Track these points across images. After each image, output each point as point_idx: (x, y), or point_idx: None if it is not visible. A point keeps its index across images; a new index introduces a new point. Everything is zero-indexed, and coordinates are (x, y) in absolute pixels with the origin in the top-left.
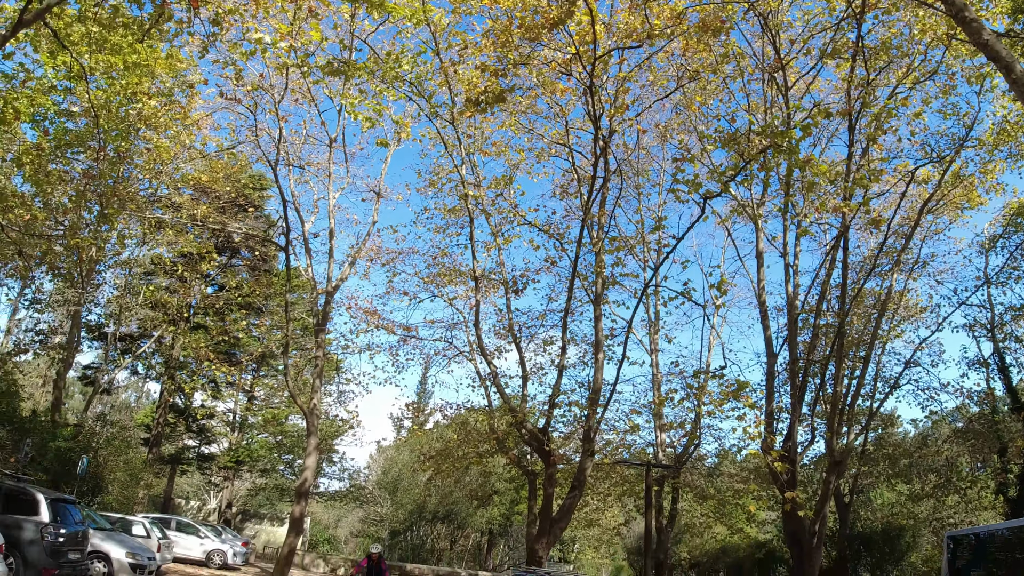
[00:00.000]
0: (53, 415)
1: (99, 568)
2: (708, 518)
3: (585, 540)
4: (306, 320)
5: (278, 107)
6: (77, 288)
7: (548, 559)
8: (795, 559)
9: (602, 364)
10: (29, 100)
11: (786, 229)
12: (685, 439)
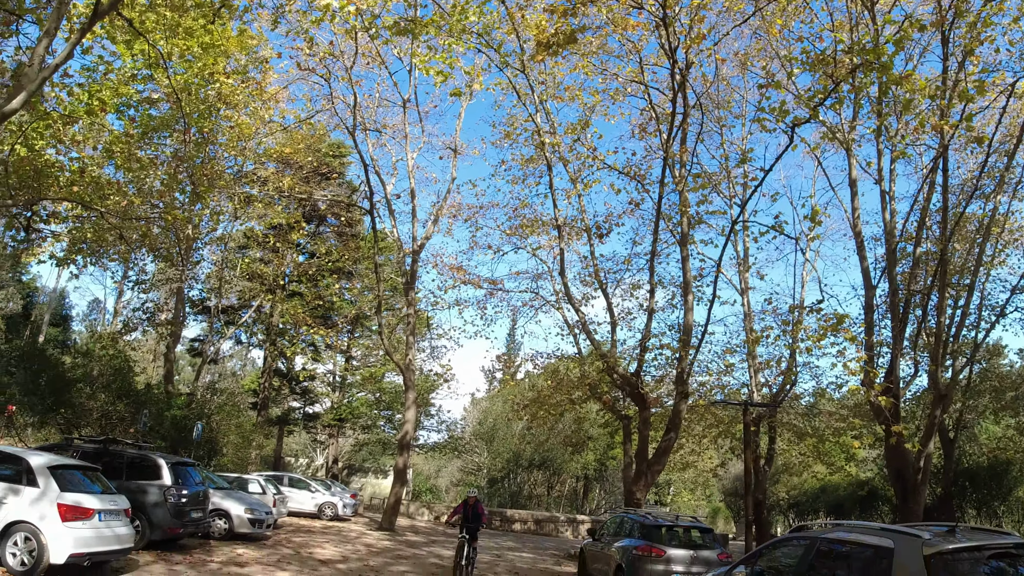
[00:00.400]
0: (166, 386)
1: (220, 525)
2: (806, 457)
3: (680, 483)
4: (395, 280)
5: (350, 72)
6: (178, 266)
7: (645, 501)
8: (899, 496)
9: (692, 305)
10: (112, 91)
11: (880, 153)
12: (781, 378)
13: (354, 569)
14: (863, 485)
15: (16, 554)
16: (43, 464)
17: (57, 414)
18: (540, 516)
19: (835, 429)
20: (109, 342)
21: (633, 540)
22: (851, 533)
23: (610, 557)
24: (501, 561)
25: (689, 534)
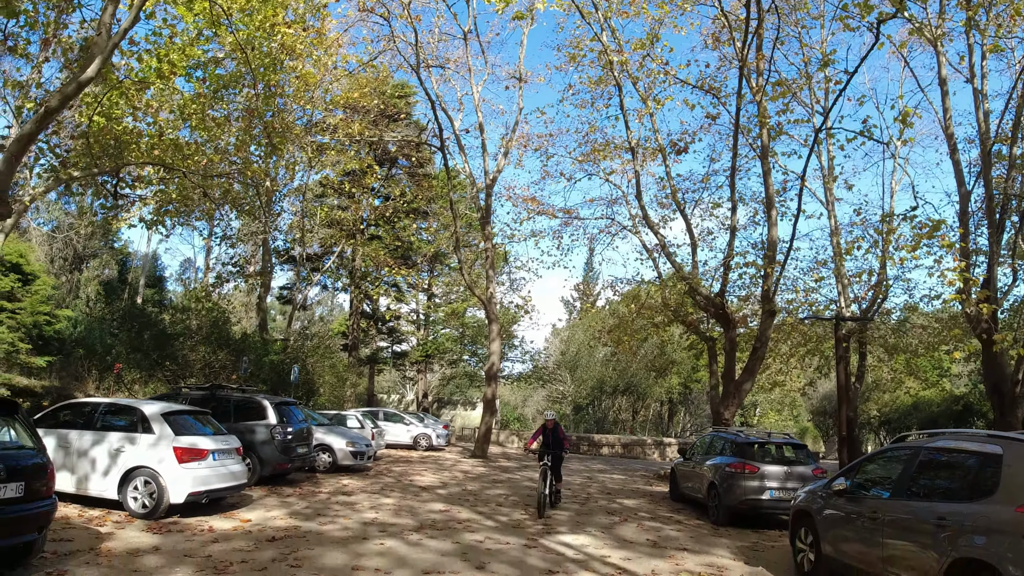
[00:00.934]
0: (262, 334)
1: (324, 459)
2: (898, 373)
3: (767, 403)
4: (471, 216)
5: (408, 9)
6: (260, 219)
7: (732, 422)
8: (996, 410)
9: (775, 220)
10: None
11: (971, 49)
12: (871, 293)
13: (454, 494)
14: (957, 400)
15: (137, 498)
16: (156, 412)
17: (162, 368)
18: (627, 440)
19: (928, 344)
20: (204, 296)
21: (725, 458)
22: (956, 441)
23: (702, 475)
24: (593, 482)
25: (782, 450)
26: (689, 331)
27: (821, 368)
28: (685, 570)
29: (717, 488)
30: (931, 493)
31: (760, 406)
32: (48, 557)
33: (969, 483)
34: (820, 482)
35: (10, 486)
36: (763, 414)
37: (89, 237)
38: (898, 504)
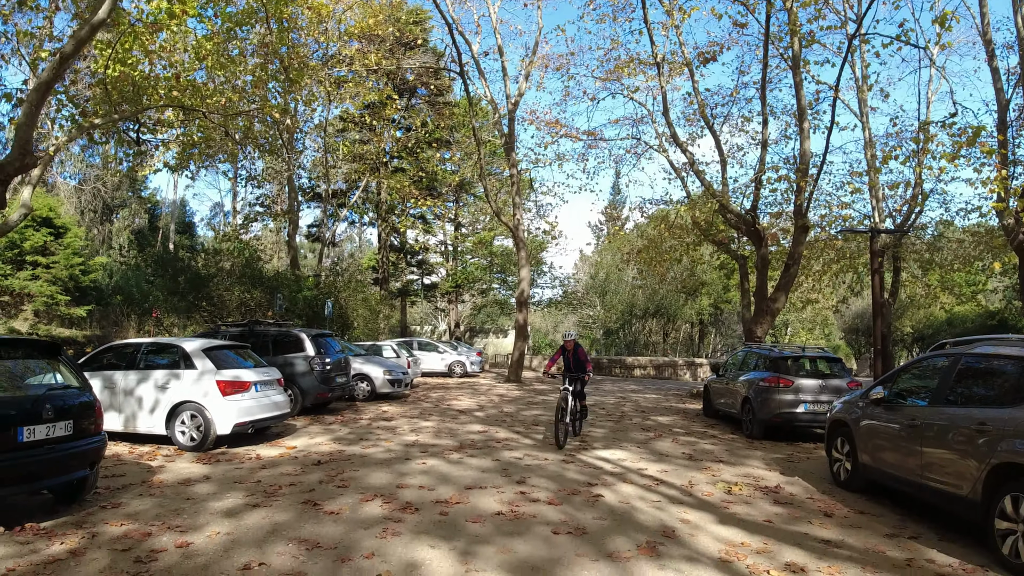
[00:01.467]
0: (293, 271)
1: (363, 387)
2: (933, 288)
3: (798, 323)
4: (494, 143)
5: None
6: (283, 158)
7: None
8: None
9: (808, 133)
10: None
11: None
12: (906, 207)
13: (491, 416)
14: (992, 316)
15: (185, 431)
16: (198, 348)
17: (199, 309)
18: (659, 361)
19: (964, 258)
20: (234, 236)
21: (759, 373)
22: (995, 347)
23: (736, 391)
24: (626, 402)
25: (816, 364)
26: (720, 250)
27: (853, 286)
28: (722, 480)
29: (751, 403)
30: (971, 400)
31: (791, 325)
32: (102, 492)
33: (1010, 388)
34: (856, 392)
35: (59, 425)
36: (794, 333)
37: (116, 188)
38: (937, 411)
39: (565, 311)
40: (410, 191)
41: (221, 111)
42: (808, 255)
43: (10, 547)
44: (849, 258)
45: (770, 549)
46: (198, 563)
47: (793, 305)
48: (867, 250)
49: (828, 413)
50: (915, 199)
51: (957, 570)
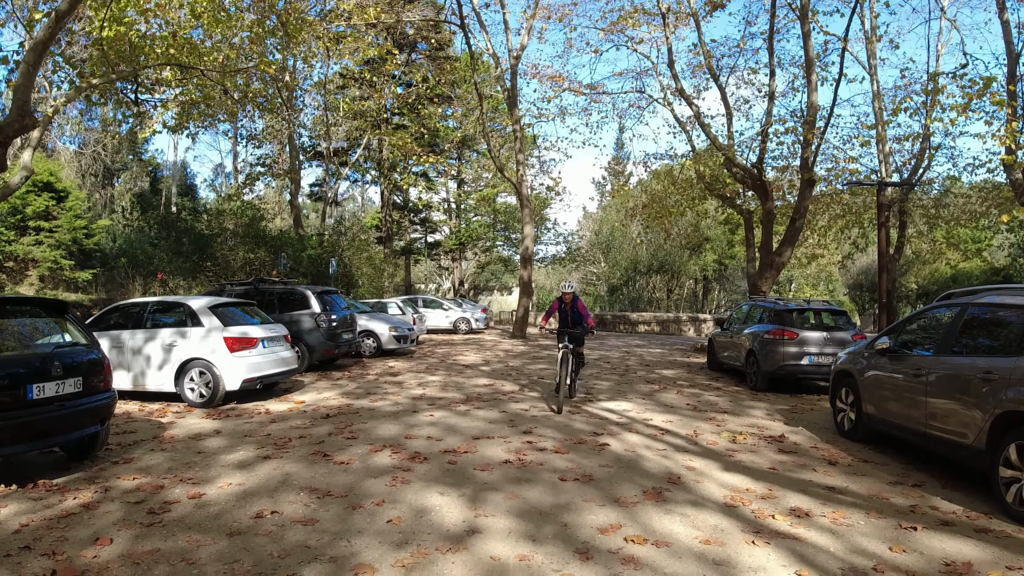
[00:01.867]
0: (297, 230)
1: (369, 344)
2: (939, 243)
3: (802, 278)
4: (496, 99)
5: None
6: (283, 116)
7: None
8: None
9: (815, 85)
10: None
11: None
12: (913, 162)
13: (497, 370)
14: (997, 272)
15: (194, 388)
16: (204, 305)
17: (204, 270)
18: (663, 317)
19: (971, 213)
20: (236, 195)
21: (764, 325)
22: (1002, 296)
23: (740, 344)
24: (631, 356)
25: (821, 317)
26: (725, 205)
27: (858, 242)
28: (726, 430)
29: (756, 355)
30: (976, 349)
31: (795, 281)
32: (114, 448)
33: (1016, 338)
34: (863, 343)
35: (68, 382)
36: (798, 289)
37: (116, 151)
38: (943, 361)
39: (569, 268)
40: (412, 148)
41: (219, 69)
42: (814, 209)
43: (23, 503)
44: (855, 213)
45: (775, 495)
46: (211, 512)
47: (798, 260)
48: (873, 205)
49: (832, 364)
50: (923, 153)
51: (961, 517)
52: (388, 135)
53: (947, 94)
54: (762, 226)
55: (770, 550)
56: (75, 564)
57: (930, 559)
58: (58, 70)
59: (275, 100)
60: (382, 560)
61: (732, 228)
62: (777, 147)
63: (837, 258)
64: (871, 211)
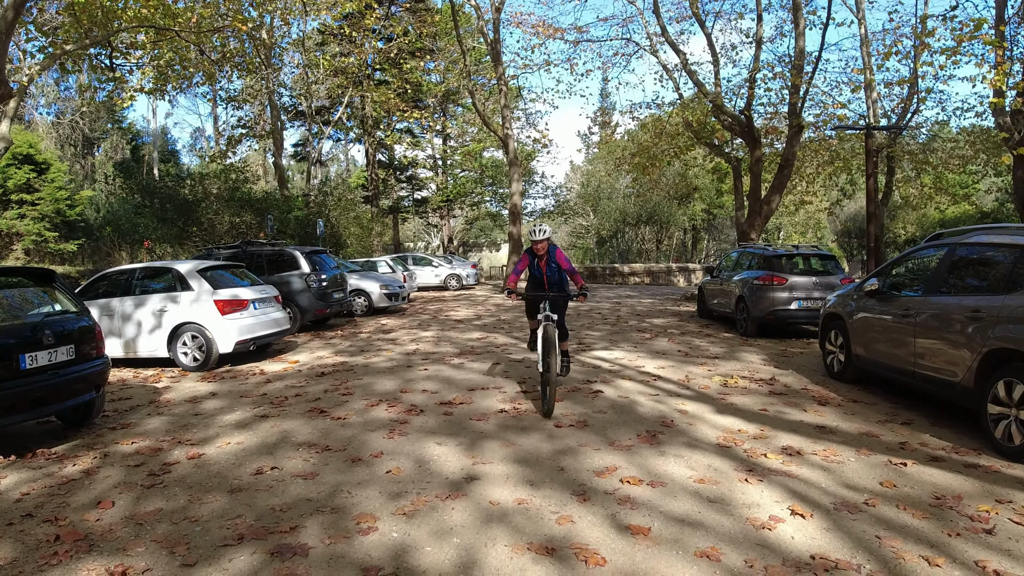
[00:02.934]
0: (282, 191)
1: (360, 303)
2: (928, 189)
3: (791, 226)
4: (479, 50)
5: None
6: (261, 75)
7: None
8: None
9: (803, 29)
10: None
11: None
12: (902, 106)
13: (489, 324)
14: (985, 216)
15: (187, 352)
16: (192, 269)
17: (190, 235)
18: (653, 268)
19: (961, 158)
20: (219, 159)
21: (753, 272)
22: (990, 236)
23: (730, 291)
24: (622, 307)
25: (810, 262)
26: (713, 153)
27: (845, 189)
28: (718, 374)
29: (745, 301)
30: (965, 289)
31: (784, 228)
32: (110, 415)
33: (1004, 276)
34: (851, 286)
35: (60, 350)
36: (787, 236)
37: (95, 119)
38: (931, 301)
39: (558, 221)
40: (395, 104)
41: (193, 29)
42: (802, 156)
43: (23, 473)
44: (843, 159)
45: (767, 435)
46: (211, 472)
47: (786, 208)
48: (861, 152)
49: (821, 308)
50: (911, 97)
51: (950, 453)
52: (370, 91)
53: (937, 37)
54: (750, 174)
55: (763, 487)
56: (78, 528)
57: (920, 493)
58: (31, 39)
59: (253, 60)
60: (383, 509)
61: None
62: (765, 93)
63: (825, 205)
64: (859, 157)
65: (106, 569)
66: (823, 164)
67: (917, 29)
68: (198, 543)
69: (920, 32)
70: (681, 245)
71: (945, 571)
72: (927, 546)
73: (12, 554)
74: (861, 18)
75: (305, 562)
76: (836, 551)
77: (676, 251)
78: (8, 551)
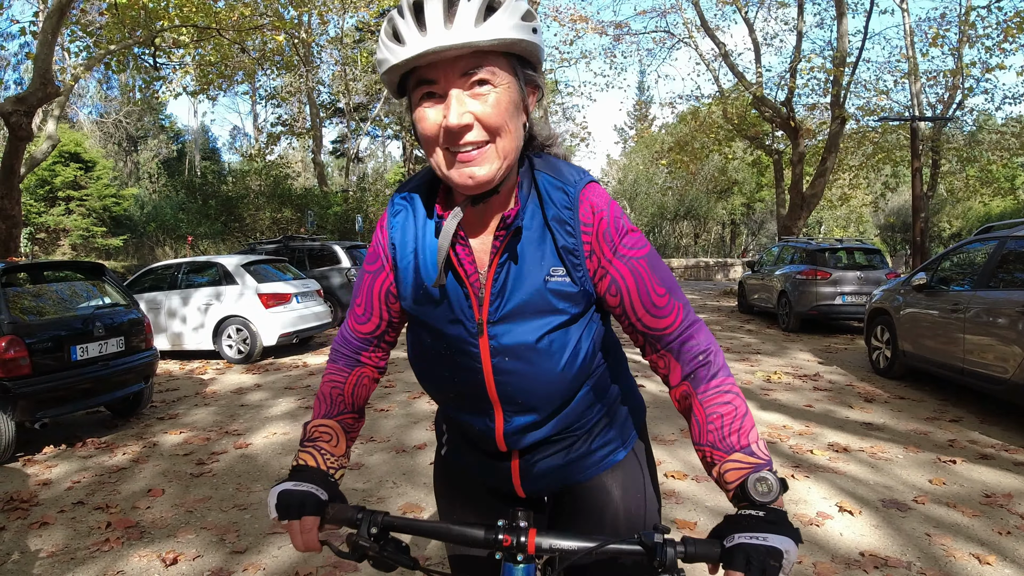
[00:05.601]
0: (322, 187)
1: None
2: (973, 181)
3: (832, 221)
4: None
5: None
6: (301, 73)
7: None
8: None
9: (845, 18)
10: None
11: None
12: (947, 95)
13: None
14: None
15: (232, 345)
16: (236, 263)
17: (232, 231)
18: (691, 263)
19: (1009, 149)
20: (258, 155)
21: (796, 266)
22: None
23: (771, 286)
24: None
25: (854, 256)
26: (753, 145)
27: (889, 182)
28: (761, 370)
29: (788, 296)
30: (1015, 283)
31: (825, 223)
32: (158, 405)
33: None
34: (898, 280)
35: (110, 342)
36: (828, 231)
37: (139, 119)
38: (981, 296)
39: None
40: None
41: (235, 27)
42: (846, 147)
43: (73, 462)
44: (887, 150)
45: (812, 431)
46: (258, 462)
47: (828, 202)
48: (904, 144)
49: (867, 303)
50: (955, 88)
51: (1000, 451)
52: None
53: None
54: (792, 167)
55: (810, 483)
56: (129, 516)
57: (970, 490)
58: (76, 39)
59: (292, 58)
60: (428, 499)
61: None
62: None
63: (869, 199)
64: (903, 150)
65: (157, 555)
66: (867, 156)
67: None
68: (247, 531)
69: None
70: (719, 239)
71: (996, 569)
72: (977, 544)
73: (64, 540)
74: (905, 8)
75: None
76: (885, 548)
77: (714, 246)
78: (60, 538)
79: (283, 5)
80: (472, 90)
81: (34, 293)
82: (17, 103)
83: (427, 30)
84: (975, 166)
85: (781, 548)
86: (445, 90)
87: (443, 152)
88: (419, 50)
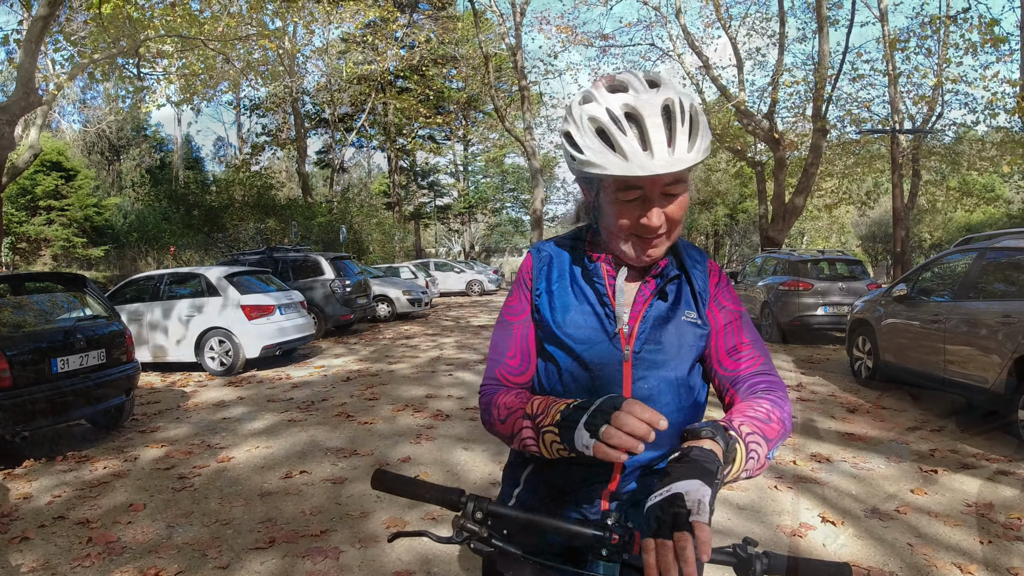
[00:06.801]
0: (306, 198)
1: (384, 308)
2: (954, 192)
3: (814, 231)
4: (501, 56)
5: None
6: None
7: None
8: None
9: (827, 32)
10: None
11: None
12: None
13: None
14: (1011, 219)
15: (215, 357)
16: (219, 275)
17: (215, 241)
18: None
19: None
20: (242, 166)
21: (778, 277)
22: (1020, 240)
23: (754, 297)
24: None
25: (835, 267)
26: (736, 157)
27: (871, 193)
28: None
29: (771, 307)
30: (995, 294)
31: (807, 234)
32: (139, 418)
33: None
34: (879, 291)
35: (91, 354)
36: (811, 242)
37: (121, 128)
38: (961, 306)
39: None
40: (417, 111)
41: (220, 38)
42: (827, 158)
43: (53, 476)
44: (868, 159)
45: (795, 442)
46: (240, 476)
47: (810, 212)
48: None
49: (849, 314)
50: (934, 100)
51: (981, 460)
52: (393, 98)
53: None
54: (774, 177)
55: (793, 494)
56: (110, 531)
57: (952, 500)
58: (59, 48)
59: (277, 68)
60: (412, 513)
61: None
62: (788, 98)
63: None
64: (884, 160)
65: (139, 571)
66: (850, 166)
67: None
68: (230, 546)
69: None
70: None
71: None
72: (959, 553)
73: (45, 556)
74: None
75: (336, 565)
76: (868, 558)
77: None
78: (40, 553)
79: (269, 15)
80: (665, 190)
81: (15, 305)
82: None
83: (654, 154)
84: (955, 177)
85: (681, 491)
86: (650, 195)
87: (633, 238)
88: (648, 172)
